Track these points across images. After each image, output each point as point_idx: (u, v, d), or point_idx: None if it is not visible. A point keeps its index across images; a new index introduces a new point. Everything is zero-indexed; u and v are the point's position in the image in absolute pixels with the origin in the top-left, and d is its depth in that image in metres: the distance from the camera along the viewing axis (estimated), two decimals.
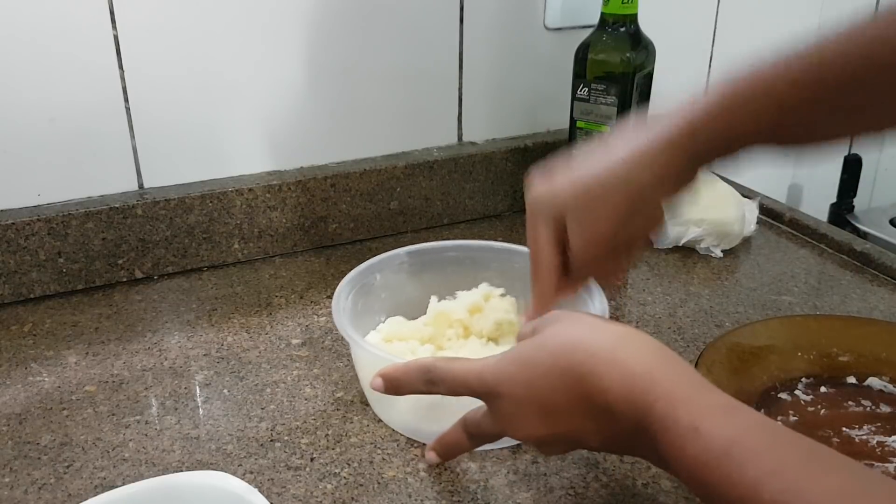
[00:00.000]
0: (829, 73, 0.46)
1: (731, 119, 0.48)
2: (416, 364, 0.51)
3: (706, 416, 0.39)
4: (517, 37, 0.96)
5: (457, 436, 0.51)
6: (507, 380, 0.46)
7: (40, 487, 0.56)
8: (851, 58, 0.45)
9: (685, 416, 0.39)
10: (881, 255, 0.86)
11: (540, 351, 0.45)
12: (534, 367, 0.45)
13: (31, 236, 0.77)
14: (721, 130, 0.48)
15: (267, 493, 0.54)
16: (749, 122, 0.48)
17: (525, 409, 0.45)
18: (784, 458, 0.36)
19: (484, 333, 0.66)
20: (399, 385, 0.51)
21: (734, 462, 0.36)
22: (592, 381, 0.42)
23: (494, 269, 0.72)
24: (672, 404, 0.40)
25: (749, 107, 0.47)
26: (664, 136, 0.50)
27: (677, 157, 0.50)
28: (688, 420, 0.39)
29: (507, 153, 0.97)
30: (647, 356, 0.43)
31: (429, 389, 0.50)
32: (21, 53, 0.74)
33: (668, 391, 0.40)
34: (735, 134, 0.48)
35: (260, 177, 0.87)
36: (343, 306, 0.63)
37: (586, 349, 0.44)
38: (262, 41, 0.83)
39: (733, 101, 0.48)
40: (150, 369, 0.69)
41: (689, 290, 0.83)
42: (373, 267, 0.70)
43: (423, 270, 0.72)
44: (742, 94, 0.48)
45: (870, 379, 0.66)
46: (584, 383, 0.43)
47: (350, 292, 0.66)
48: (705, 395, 0.41)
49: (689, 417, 0.39)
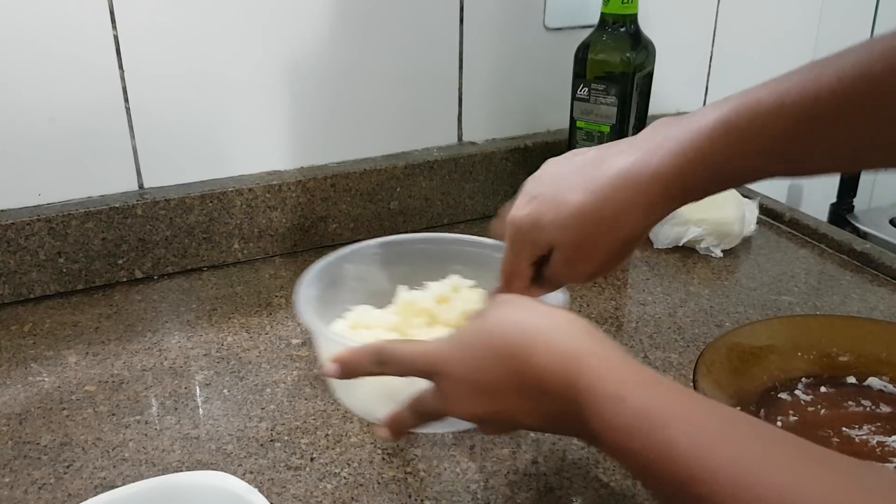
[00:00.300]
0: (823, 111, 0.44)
1: (724, 162, 0.47)
2: (366, 347, 0.52)
3: (629, 385, 0.40)
4: (517, 37, 0.96)
5: (404, 413, 0.52)
6: (448, 359, 0.47)
7: (40, 487, 0.56)
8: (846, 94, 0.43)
9: (610, 386, 0.41)
10: (881, 255, 0.86)
11: (479, 333, 0.47)
12: (472, 348, 0.47)
13: (31, 236, 0.77)
14: (715, 172, 0.48)
15: (267, 493, 0.54)
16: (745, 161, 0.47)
17: (464, 388, 0.47)
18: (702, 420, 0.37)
19: (451, 323, 0.66)
20: (350, 368, 0.52)
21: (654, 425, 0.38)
22: (525, 359, 0.44)
23: (465, 262, 0.72)
24: (598, 376, 0.41)
25: (745, 148, 0.46)
26: (658, 176, 0.48)
27: (670, 198, 0.49)
28: (612, 389, 0.40)
29: (507, 153, 0.97)
30: (576, 335, 0.45)
31: (380, 371, 0.51)
32: (21, 53, 0.74)
33: (595, 366, 0.42)
34: (728, 174, 0.48)
35: (260, 177, 0.87)
36: (308, 295, 0.64)
37: (521, 329, 0.45)
38: (262, 41, 0.83)
39: (727, 142, 0.46)
40: (150, 369, 0.69)
41: (689, 290, 0.83)
42: (344, 257, 0.70)
43: (395, 262, 0.73)
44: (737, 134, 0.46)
45: (870, 379, 0.66)
46: (517, 361, 0.44)
47: (317, 282, 0.67)
48: (630, 368, 0.42)
49: (614, 387, 0.41)
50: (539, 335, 0.45)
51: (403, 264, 0.73)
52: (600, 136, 0.87)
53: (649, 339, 0.74)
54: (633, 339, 0.74)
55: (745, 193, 0.96)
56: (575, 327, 0.45)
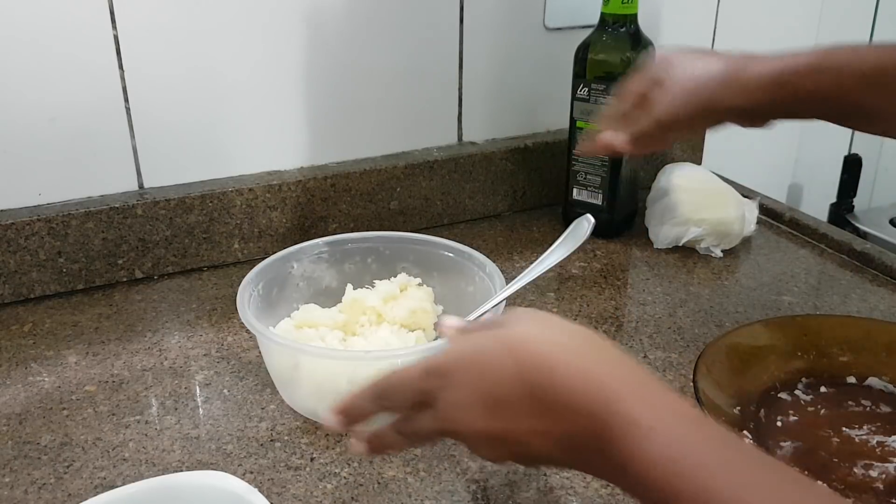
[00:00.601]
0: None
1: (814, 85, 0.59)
2: (360, 391, 0.48)
3: (665, 416, 0.39)
4: (517, 37, 0.96)
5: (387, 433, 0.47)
6: (459, 360, 0.44)
7: (40, 487, 0.56)
8: None
9: (645, 415, 0.38)
10: (881, 255, 0.86)
11: (497, 339, 0.43)
12: (488, 353, 0.43)
13: (31, 236, 0.77)
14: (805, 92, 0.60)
15: (267, 493, 0.54)
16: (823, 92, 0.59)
17: (472, 397, 0.42)
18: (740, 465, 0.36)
19: (398, 321, 0.66)
20: (353, 415, 0.48)
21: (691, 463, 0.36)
22: (548, 374, 0.41)
23: (412, 261, 0.74)
24: (632, 404, 0.39)
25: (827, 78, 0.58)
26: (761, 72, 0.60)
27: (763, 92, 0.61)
28: (648, 418, 0.38)
29: (507, 153, 0.97)
30: (608, 358, 0.42)
31: (381, 406, 0.47)
32: (21, 53, 0.74)
33: (630, 392, 0.40)
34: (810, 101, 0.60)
35: (260, 177, 0.87)
36: (249, 295, 0.64)
37: (547, 344, 0.42)
38: (262, 41, 0.83)
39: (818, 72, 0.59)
40: (150, 369, 0.69)
41: (689, 290, 0.83)
42: (290, 256, 0.71)
43: (342, 261, 0.74)
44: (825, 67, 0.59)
45: (870, 379, 0.66)
46: (539, 375, 0.41)
47: (260, 282, 0.67)
48: (666, 398, 0.40)
49: (649, 416, 0.38)
50: (567, 352, 0.41)
51: (350, 262, 0.74)
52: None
53: (649, 339, 0.74)
54: (633, 339, 0.74)
55: (745, 193, 0.96)
56: (606, 349, 0.43)
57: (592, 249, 0.90)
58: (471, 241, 0.87)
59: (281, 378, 0.64)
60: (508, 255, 0.89)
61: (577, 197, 0.92)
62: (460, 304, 0.70)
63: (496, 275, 0.67)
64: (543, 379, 0.40)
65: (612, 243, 0.92)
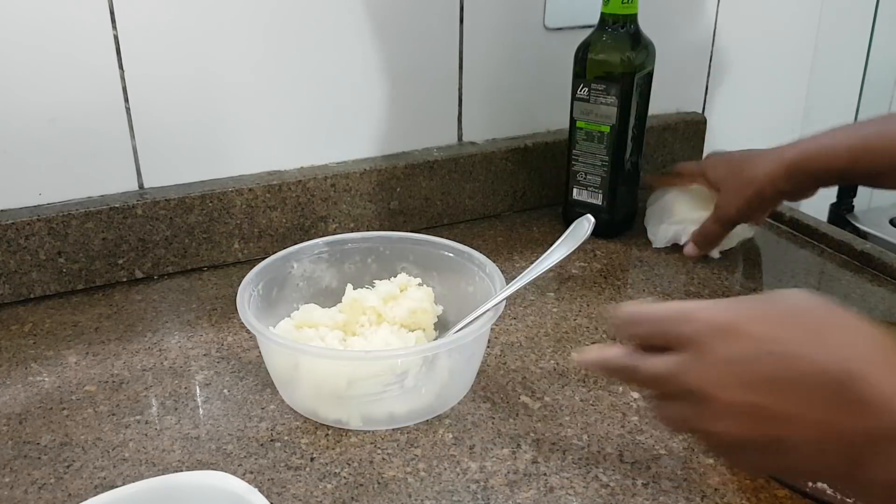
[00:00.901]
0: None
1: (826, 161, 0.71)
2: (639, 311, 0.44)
3: None
4: (517, 37, 0.96)
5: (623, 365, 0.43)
6: (749, 312, 0.39)
7: (40, 487, 0.56)
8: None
9: None
10: (881, 255, 0.86)
11: (778, 300, 0.39)
12: (776, 310, 0.39)
13: (31, 236, 0.77)
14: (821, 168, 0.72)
15: (267, 493, 0.54)
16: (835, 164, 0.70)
17: (754, 355, 0.37)
18: None
19: (397, 321, 0.67)
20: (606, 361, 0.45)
21: None
22: (851, 362, 0.35)
23: (412, 261, 0.74)
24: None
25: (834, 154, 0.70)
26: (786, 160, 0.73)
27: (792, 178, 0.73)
28: None
29: (507, 153, 0.97)
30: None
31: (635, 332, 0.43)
32: (21, 53, 0.74)
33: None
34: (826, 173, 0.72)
35: (260, 177, 0.87)
36: (249, 295, 0.65)
37: (850, 328, 0.37)
38: (262, 41, 0.83)
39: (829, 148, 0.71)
40: (150, 369, 0.69)
41: (689, 290, 0.83)
42: (290, 256, 0.71)
43: (342, 261, 0.74)
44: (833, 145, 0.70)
45: None
46: (838, 362, 0.36)
47: (260, 282, 0.67)
48: None
49: None
50: (873, 341, 0.36)
51: (350, 262, 0.74)
52: (600, 136, 0.87)
53: None
54: None
55: None
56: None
57: (592, 249, 0.90)
58: (471, 241, 0.87)
59: (281, 378, 0.64)
60: (508, 255, 0.89)
61: (577, 197, 0.92)
62: (460, 304, 0.70)
63: (496, 275, 0.67)
64: (846, 368, 0.35)
65: (612, 243, 0.92)
